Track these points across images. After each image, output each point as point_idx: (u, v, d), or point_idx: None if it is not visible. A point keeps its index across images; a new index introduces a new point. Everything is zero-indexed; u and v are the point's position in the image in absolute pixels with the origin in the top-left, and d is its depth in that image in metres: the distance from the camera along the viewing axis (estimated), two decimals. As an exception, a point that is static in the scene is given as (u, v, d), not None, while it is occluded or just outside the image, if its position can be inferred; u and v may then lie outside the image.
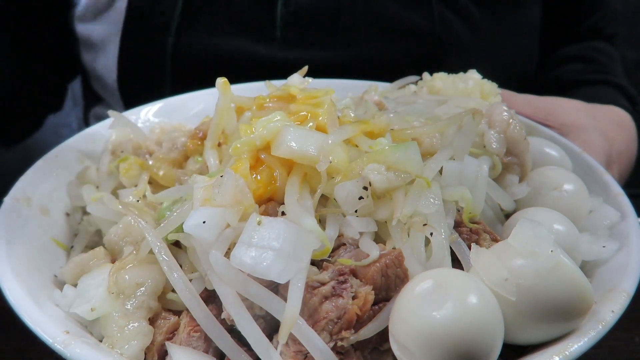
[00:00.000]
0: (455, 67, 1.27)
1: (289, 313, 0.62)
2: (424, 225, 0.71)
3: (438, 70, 1.16)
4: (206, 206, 0.70)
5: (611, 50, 1.68)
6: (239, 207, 0.70)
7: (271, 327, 0.67)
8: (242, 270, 0.65)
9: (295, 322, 0.62)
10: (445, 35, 1.35)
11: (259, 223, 0.67)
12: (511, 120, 0.89)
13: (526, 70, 1.52)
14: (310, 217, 0.69)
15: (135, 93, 1.35)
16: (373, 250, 0.69)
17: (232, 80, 0.90)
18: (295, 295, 0.63)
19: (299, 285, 0.64)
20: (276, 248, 0.65)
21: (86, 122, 1.65)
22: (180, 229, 0.71)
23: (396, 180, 0.72)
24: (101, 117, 1.53)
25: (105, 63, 1.40)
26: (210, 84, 0.91)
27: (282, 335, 0.62)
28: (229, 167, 0.76)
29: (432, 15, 1.34)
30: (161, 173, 0.93)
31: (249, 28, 1.30)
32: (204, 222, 0.68)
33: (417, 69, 1.22)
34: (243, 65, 0.99)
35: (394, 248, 0.71)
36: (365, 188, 0.71)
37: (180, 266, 0.71)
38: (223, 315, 0.67)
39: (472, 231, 0.76)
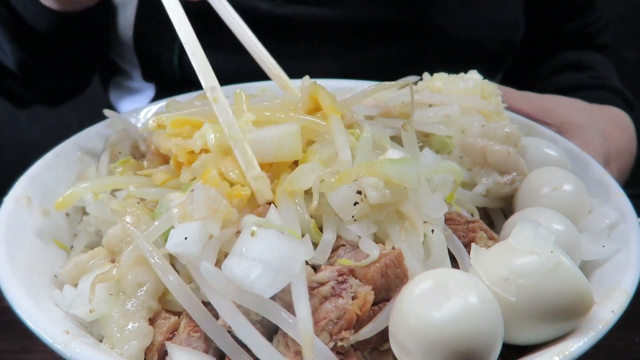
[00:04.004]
0: (440, 29, 1.36)
1: (304, 329, 0.61)
2: (425, 222, 0.71)
3: (424, 31, 1.18)
4: (185, 222, 0.70)
5: (604, 59, 1.69)
6: (217, 216, 0.69)
7: (269, 331, 0.66)
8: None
9: (312, 336, 0.61)
10: None
11: (253, 234, 0.66)
12: (483, 145, 0.88)
13: (511, 39, 1.53)
14: (295, 226, 0.69)
15: (149, 48, 1.42)
16: (373, 251, 0.68)
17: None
18: (303, 307, 0.62)
19: (304, 302, 0.62)
20: (265, 261, 0.63)
21: (106, 90, 1.69)
22: (167, 234, 0.71)
23: (392, 198, 0.71)
24: (122, 86, 1.59)
25: (123, 20, 1.44)
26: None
27: (307, 356, 0.61)
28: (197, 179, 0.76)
29: None
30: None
31: None
32: (185, 238, 0.68)
33: (402, 31, 1.31)
34: (244, 20, 1.02)
35: (393, 248, 0.71)
36: (360, 192, 0.71)
37: (178, 272, 0.70)
38: (220, 324, 0.66)
39: (469, 229, 0.76)
